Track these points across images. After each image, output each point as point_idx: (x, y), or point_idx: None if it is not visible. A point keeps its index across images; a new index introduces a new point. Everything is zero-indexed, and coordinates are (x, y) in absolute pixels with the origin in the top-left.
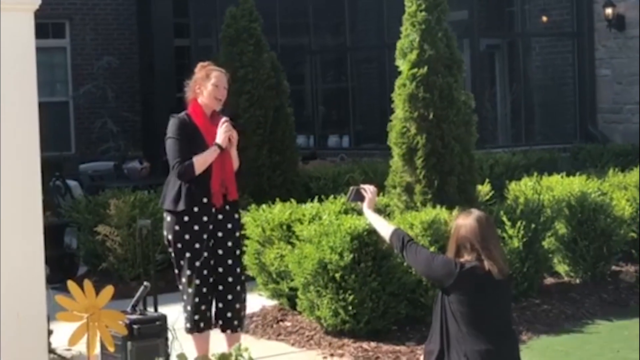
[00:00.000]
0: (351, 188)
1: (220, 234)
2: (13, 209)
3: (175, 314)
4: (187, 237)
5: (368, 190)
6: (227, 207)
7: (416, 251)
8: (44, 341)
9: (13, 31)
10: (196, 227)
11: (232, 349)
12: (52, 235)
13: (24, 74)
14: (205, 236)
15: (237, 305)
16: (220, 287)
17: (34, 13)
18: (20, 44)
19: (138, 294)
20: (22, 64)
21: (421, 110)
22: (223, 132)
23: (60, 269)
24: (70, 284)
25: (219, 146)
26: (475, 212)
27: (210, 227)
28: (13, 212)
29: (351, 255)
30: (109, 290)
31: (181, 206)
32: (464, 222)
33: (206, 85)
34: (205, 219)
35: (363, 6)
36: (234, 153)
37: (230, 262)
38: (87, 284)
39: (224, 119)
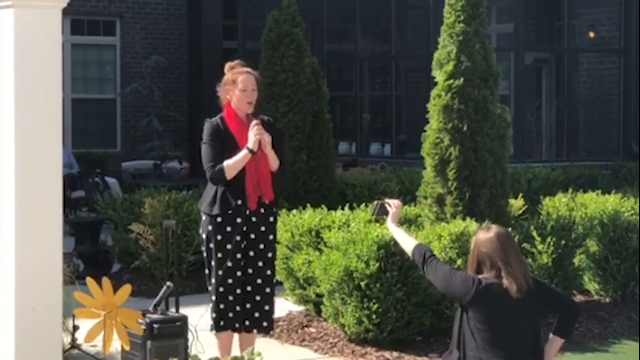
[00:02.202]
0: (375, 203)
1: (252, 236)
2: (32, 203)
3: (199, 315)
4: (219, 237)
5: (392, 204)
6: (262, 209)
7: (436, 267)
8: (58, 335)
9: (38, 28)
10: (229, 228)
11: (245, 352)
12: (88, 231)
13: (49, 70)
14: (238, 237)
15: (267, 307)
16: (249, 288)
17: (61, 10)
18: (45, 40)
19: (160, 293)
20: (47, 61)
21: (455, 121)
22: (253, 135)
23: (95, 265)
24: (89, 281)
25: (250, 150)
26: (495, 228)
27: (244, 228)
28: (31, 207)
29: (377, 264)
30: (126, 289)
31: (215, 210)
32: (483, 237)
33: (234, 92)
34: (238, 220)
35: (410, 15)
36: (270, 154)
37: (261, 264)
38: (106, 281)
39: (254, 122)
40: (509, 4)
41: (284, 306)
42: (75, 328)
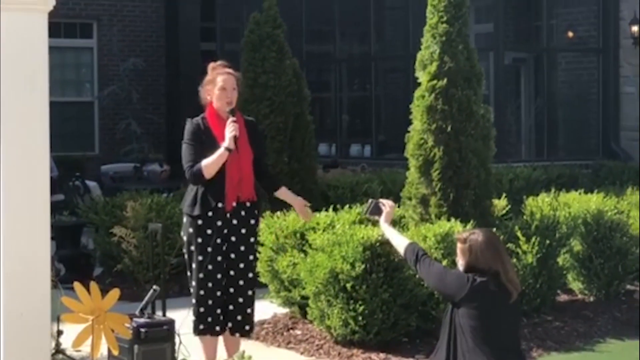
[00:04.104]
0: (370, 201)
1: (233, 239)
2: (19, 208)
3: (187, 318)
4: (199, 240)
5: (386, 204)
6: (243, 212)
7: (429, 265)
8: (46, 341)
9: (25, 31)
10: (209, 231)
11: (235, 355)
12: (69, 235)
13: (35, 73)
14: (219, 240)
15: (249, 310)
16: (232, 290)
17: (48, 13)
18: (32, 44)
19: (147, 297)
20: (33, 63)
21: (439, 122)
22: (228, 132)
23: (76, 269)
24: (77, 285)
25: (226, 148)
26: (486, 230)
27: (225, 231)
28: (19, 212)
29: (363, 266)
30: (114, 293)
31: (196, 211)
32: (476, 239)
33: (214, 91)
34: (219, 223)
35: (389, 16)
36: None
37: (242, 266)
38: (94, 286)
39: (230, 119)
40: (488, 4)
41: (269, 308)
42: (59, 333)
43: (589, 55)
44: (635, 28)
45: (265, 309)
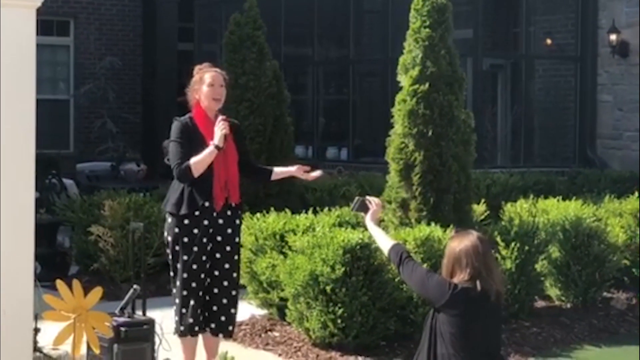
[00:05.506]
0: (357, 198)
1: (219, 238)
2: (4, 205)
3: (165, 318)
4: (185, 239)
5: (374, 202)
6: (229, 212)
7: (412, 268)
8: (29, 340)
9: (14, 27)
10: (196, 231)
11: (217, 357)
12: (45, 233)
13: (23, 71)
14: (204, 240)
15: (232, 310)
16: (216, 291)
17: (36, 10)
18: (20, 40)
19: (127, 296)
20: (21, 61)
21: (420, 126)
22: (219, 130)
23: (52, 267)
24: (59, 283)
25: (217, 146)
26: (475, 233)
27: (210, 230)
28: (3, 209)
29: (343, 269)
30: (97, 292)
31: (183, 210)
32: (465, 240)
33: (202, 88)
34: (206, 222)
35: (368, 19)
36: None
37: (227, 266)
38: (76, 284)
39: (220, 117)
40: (467, 10)
41: (247, 310)
42: (37, 331)
43: (566, 63)
44: (613, 37)
45: (243, 310)
